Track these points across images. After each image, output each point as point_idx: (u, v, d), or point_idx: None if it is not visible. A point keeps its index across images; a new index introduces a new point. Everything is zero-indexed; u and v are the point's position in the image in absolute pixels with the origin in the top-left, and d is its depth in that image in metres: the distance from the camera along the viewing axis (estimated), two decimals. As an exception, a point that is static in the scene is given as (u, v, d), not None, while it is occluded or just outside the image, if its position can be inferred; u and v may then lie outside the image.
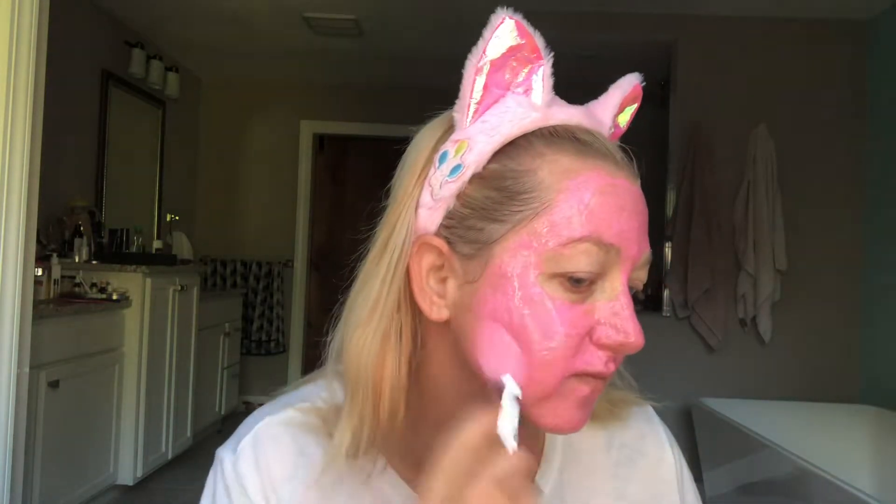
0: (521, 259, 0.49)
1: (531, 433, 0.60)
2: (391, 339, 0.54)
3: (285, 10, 3.61)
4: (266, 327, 4.87)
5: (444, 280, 0.53)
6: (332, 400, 0.59)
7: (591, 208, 0.48)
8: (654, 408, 0.68)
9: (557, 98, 0.53)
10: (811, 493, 2.01)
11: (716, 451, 2.76)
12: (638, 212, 0.50)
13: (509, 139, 0.51)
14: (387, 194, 0.58)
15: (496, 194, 0.50)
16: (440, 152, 0.54)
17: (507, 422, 0.45)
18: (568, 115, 0.52)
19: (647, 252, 0.51)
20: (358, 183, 5.18)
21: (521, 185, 0.49)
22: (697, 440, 2.95)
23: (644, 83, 0.58)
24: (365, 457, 0.56)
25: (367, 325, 0.54)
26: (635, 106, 0.58)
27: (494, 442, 0.45)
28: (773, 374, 3.26)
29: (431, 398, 0.56)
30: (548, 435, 0.63)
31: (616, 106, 0.55)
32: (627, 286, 0.50)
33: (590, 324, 0.49)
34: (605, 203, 0.48)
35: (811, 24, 3.34)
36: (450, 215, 0.52)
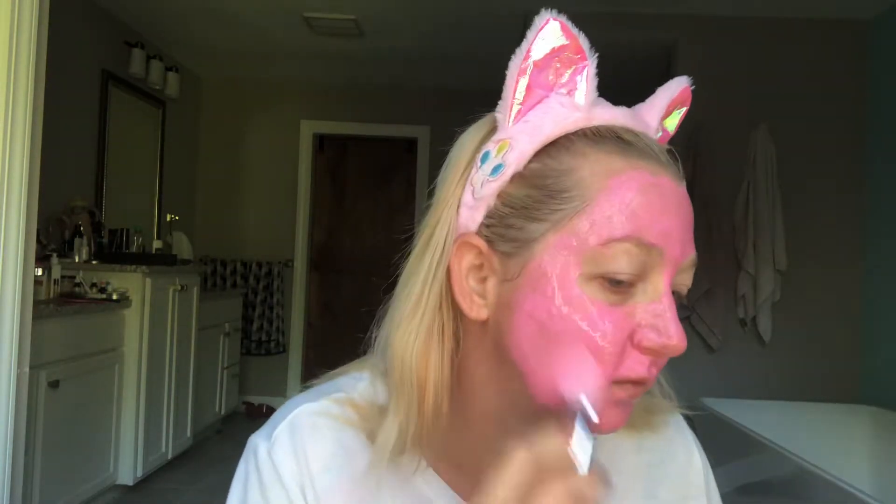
0: (560, 258, 0.48)
1: None
2: (434, 338, 0.54)
3: (285, 10, 3.61)
4: (266, 327, 4.87)
5: (484, 280, 0.53)
6: (370, 396, 0.59)
7: (633, 208, 0.47)
8: (685, 416, 0.68)
9: (602, 99, 0.53)
10: (811, 493, 2.01)
11: (715, 451, 2.76)
12: (682, 213, 0.49)
13: (551, 139, 0.51)
14: (430, 194, 0.58)
15: (537, 193, 0.50)
16: (482, 152, 0.54)
17: (579, 444, 0.44)
18: (612, 115, 0.51)
19: (691, 255, 0.50)
20: (358, 183, 5.18)
21: (561, 183, 0.49)
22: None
23: (693, 86, 0.57)
24: (407, 456, 0.55)
25: (409, 324, 0.54)
26: (684, 110, 0.57)
27: (564, 463, 0.43)
28: (773, 374, 3.26)
29: (472, 398, 0.55)
30: None
31: (663, 108, 0.54)
32: (670, 288, 0.49)
33: (631, 327, 0.48)
34: (647, 203, 0.48)
35: (811, 24, 3.34)
36: (490, 214, 0.52)
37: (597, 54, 0.51)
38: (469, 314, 0.53)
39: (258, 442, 0.59)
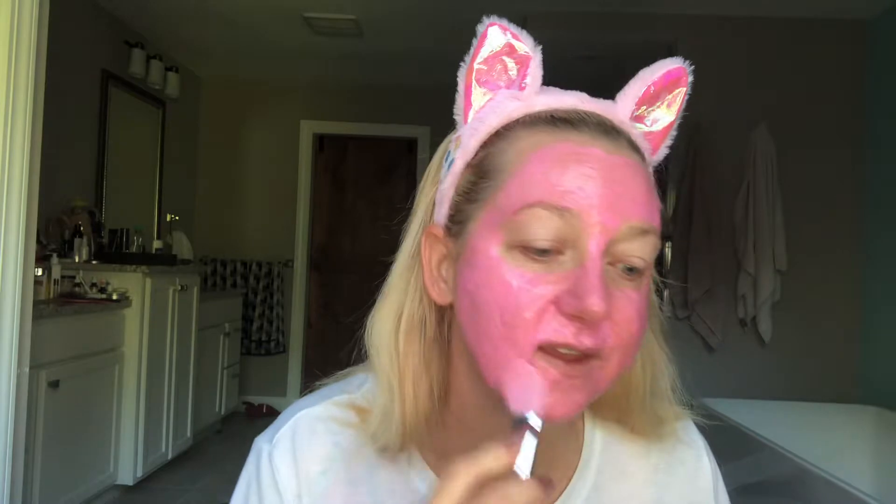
0: (486, 232, 0.51)
1: (565, 438, 0.61)
2: (415, 330, 0.56)
3: (285, 10, 3.61)
4: (266, 327, 4.87)
5: (447, 267, 0.56)
6: (373, 397, 0.60)
7: (546, 175, 0.49)
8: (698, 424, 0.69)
9: (554, 88, 0.54)
10: (811, 493, 2.01)
11: (715, 451, 2.76)
12: (615, 181, 0.49)
13: (494, 129, 0.53)
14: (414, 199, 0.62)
15: (474, 177, 0.53)
16: (448, 150, 0.58)
17: (524, 458, 0.45)
18: (558, 100, 0.53)
19: (633, 222, 0.49)
20: (358, 183, 5.18)
21: (492, 164, 0.52)
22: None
23: (691, 66, 0.57)
24: (404, 453, 0.57)
25: (386, 315, 0.57)
26: (681, 91, 0.56)
27: (504, 470, 0.44)
28: (773, 374, 3.26)
29: (457, 391, 0.57)
30: (586, 439, 0.63)
31: (635, 95, 0.54)
32: (599, 255, 0.47)
33: (555, 293, 0.47)
34: (565, 170, 0.48)
35: (811, 24, 3.34)
36: (450, 206, 0.55)
37: (540, 47, 0.53)
38: (436, 299, 0.56)
39: (261, 445, 0.61)
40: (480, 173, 0.53)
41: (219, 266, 4.89)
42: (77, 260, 3.12)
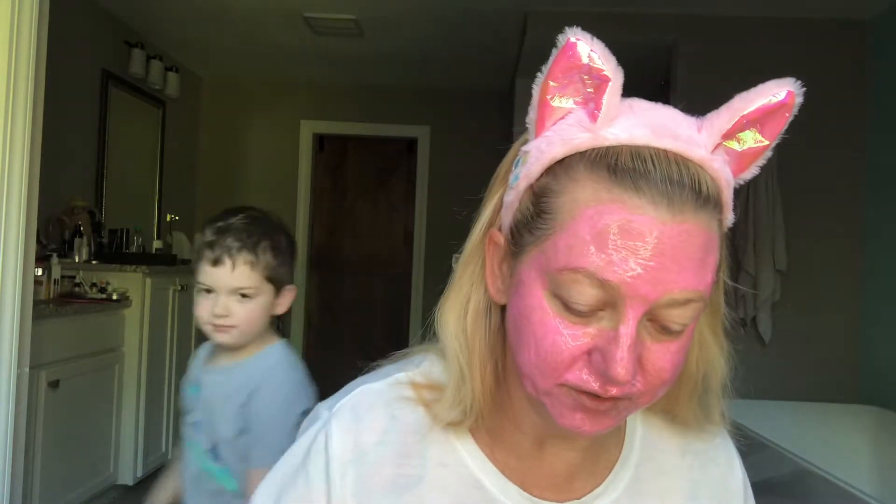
0: (534, 272, 0.52)
1: (606, 435, 0.62)
2: (480, 319, 0.60)
3: (285, 10, 3.61)
4: (266, 327, 4.86)
5: (507, 274, 0.58)
6: (432, 375, 0.63)
7: (593, 242, 0.48)
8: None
9: (636, 105, 0.52)
10: (811, 493, 2.01)
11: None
12: (665, 252, 0.47)
13: (557, 158, 0.52)
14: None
15: (532, 208, 0.53)
16: (518, 157, 0.57)
17: None
18: (630, 134, 0.50)
19: (674, 294, 0.48)
20: (358, 183, 5.18)
21: (549, 204, 0.52)
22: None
23: (802, 88, 0.52)
24: (464, 422, 0.60)
25: (454, 303, 0.60)
26: (786, 116, 0.53)
27: None
28: (773, 374, 3.26)
29: (511, 378, 0.60)
30: (627, 435, 0.66)
31: (723, 127, 0.52)
32: (634, 324, 0.49)
33: (589, 344, 0.50)
34: (611, 239, 0.48)
35: (811, 24, 3.34)
36: (512, 223, 0.56)
37: (622, 71, 0.50)
38: (495, 298, 0.59)
39: (321, 411, 0.64)
40: (538, 207, 0.53)
41: (219, 266, 4.88)
42: (77, 260, 3.12)
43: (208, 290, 1.31)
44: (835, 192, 3.30)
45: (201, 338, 1.37)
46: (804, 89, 0.53)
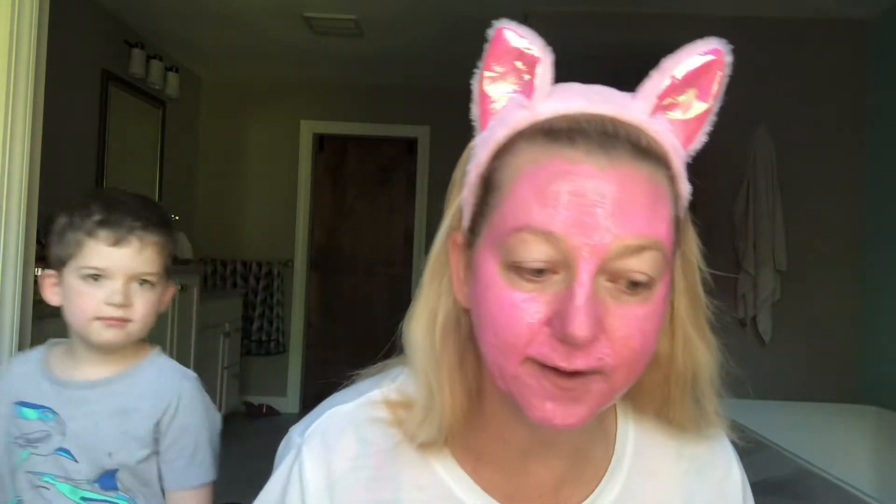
0: (486, 250, 0.51)
1: (593, 439, 0.61)
2: (449, 331, 0.57)
3: (285, 10, 3.61)
4: (266, 327, 4.87)
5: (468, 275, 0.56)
6: (407, 390, 0.61)
7: (535, 198, 0.48)
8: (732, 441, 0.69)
9: (572, 87, 0.53)
10: (811, 493, 2.01)
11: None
12: (607, 198, 0.47)
13: (502, 142, 0.52)
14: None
15: (483, 191, 0.53)
16: (470, 155, 0.58)
17: None
18: (565, 105, 0.51)
19: (625, 241, 0.47)
20: (358, 183, 5.18)
21: (495, 179, 0.52)
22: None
23: (729, 50, 0.53)
24: (436, 442, 0.58)
25: (420, 315, 0.58)
26: (716, 75, 0.53)
27: None
28: (773, 374, 3.26)
29: (486, 391, 0.58)
30: (618, 439, 0.63)
31: (655, 88, 0.52)
32: (588, 278, 0.47)
33: (547, 314, 0.48)
34: (551, 192, 0.48)
35: (811, 24, 3.34)
36: (469, 217, 0.55)
37: (550, 49, 0.52)
38: (463, 303, 0.56)
39: (294, 437, 0.63)
40: (488, 188, 0.53)
41: (219, 266, 4.89)
42: (77, 260, 3.12)
43: (95, 277, 1.07)
44: (835, 191, 3.30)
45: (202, 337, 1.24)
46: (799, 86, 0.53)
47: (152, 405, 1.11)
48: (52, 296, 1.14)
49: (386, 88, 4.94)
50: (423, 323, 0.58)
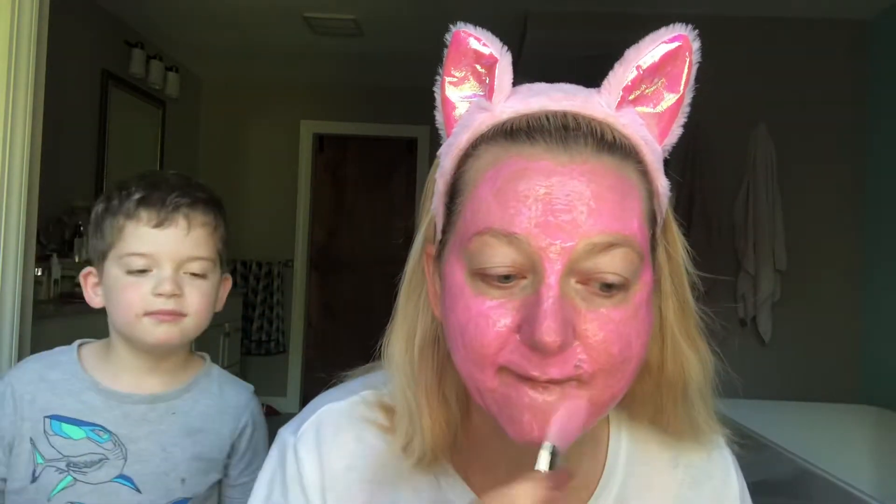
0: (452, 258, 0.50)
1: (581, 450, 0.58)
2: (428, 348, 0.55)
3: (285, 10, 3.61)
4: (266, 327, 4.87)
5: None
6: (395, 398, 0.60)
7: (495, 199, 0.46)
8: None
9: (535, 87, 0.51)
10: (811, 493, 2.01)
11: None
12: (569, 195, 0.45)
13: (465, 147, 0.51)
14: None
15: (449, 198, 0.52)
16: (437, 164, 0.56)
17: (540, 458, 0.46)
18: (525, 104, 0.49)
19: (591, 238, 0.45)
20: (358, 183, 5.18)
21: (459, 186, 0.50)
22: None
23: (695, 35, 0.51)
24: (427, 461, 0.55)
25: (399, 337, 0.56)
26: (684, 63, 0.52)
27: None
28: (773, 374, 3.26)
29: (472, 404, 0.56)
30: (611, 450, 0.61)
31: (620, 80, 0.50)
32: (555, 280, 0.44)
33: (517, 322, 0.46)
34: (511, 191, 0.46)
35: (811, 24, 3.34)
36: (442, 220, 0.53)
37: (507, 49, 0.50)
38: (438, 318, 0.54)
39: (286, 437, 0.60)
40: (453, 194, 0.51)
41: (219, 266, 4.88)
42: (77, 260, 3.12)
43: (140, 271, 0.91)
44: (835, 191, 3.30)
45: (201, 337, 1.05)
46: (800, 87, 0.52)
47: (223, 424, 0.98)
48: (93, 296, 0.99)
49: (386, 88, 4.94)
50: (401, 342, 0.55)
